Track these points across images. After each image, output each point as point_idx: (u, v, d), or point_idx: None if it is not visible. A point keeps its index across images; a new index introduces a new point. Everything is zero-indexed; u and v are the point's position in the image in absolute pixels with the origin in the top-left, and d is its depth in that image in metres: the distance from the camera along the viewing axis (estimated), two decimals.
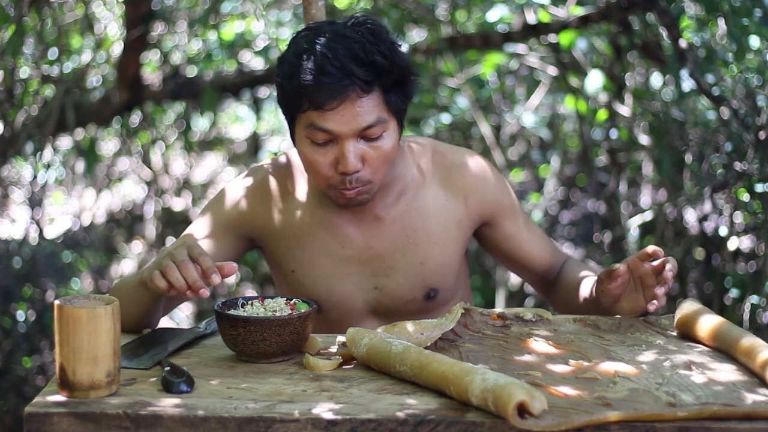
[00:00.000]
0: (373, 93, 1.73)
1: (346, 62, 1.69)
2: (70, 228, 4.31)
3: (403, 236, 1.90)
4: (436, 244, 1.91)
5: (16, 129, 3.37)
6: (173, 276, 1.60)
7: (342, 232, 1.91)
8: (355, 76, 1.70)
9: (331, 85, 1.69)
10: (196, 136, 4.83)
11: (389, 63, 1.73)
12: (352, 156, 1.74)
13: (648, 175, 3.91)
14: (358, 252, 1.91)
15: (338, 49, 1.70)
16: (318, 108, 1.72)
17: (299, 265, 1.93)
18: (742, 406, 1.37)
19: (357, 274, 1.92)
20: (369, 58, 1.71)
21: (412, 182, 1.91)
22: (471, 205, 1.92)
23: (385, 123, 1.77)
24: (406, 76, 1.79)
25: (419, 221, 1.90)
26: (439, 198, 1.91)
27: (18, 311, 3.55)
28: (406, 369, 1.49)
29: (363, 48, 1.71)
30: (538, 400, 1.30)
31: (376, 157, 1.77)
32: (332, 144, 1.76)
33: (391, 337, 1.57)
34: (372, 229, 1.90)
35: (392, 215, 1.90)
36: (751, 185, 2.90)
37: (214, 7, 3.87)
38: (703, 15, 3.01)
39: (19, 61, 3.35)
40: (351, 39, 1.71)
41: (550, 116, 4.30)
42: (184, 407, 1.39)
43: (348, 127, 1.73)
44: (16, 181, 3.94)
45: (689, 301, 1.75)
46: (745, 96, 2.85)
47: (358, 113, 1.72)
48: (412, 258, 1.90)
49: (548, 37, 3.49)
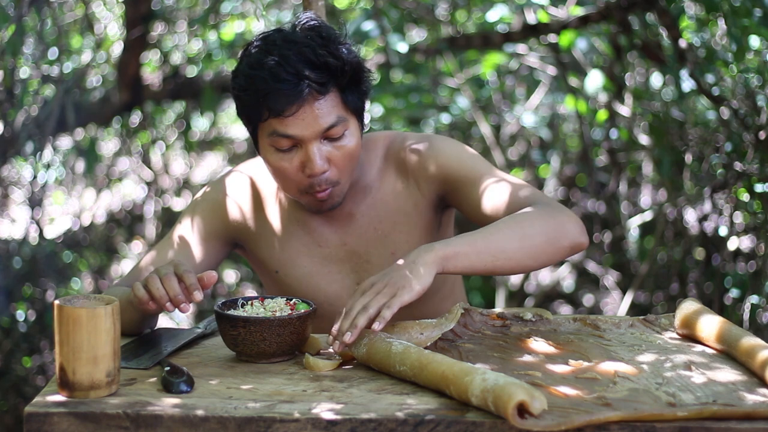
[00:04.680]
0: (329, 94, 1.76)
1: (299, 67, 1.73)
2: (70, 228, 4.31)
3: (372, 229, 1.93)
4: (402, 232, 1.93)
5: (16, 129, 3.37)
6: (155, 286, 1.61)
7: (317, 232, 1.94)
8: (310, 80, 1.73)
9: (287, 90, 1.72)
10: (196, 136, 4.83)
11: (341, 63, 1.76)
12: (317, 158, 1.77)
13: (648, 175, 3.92)
14: (334, 250, 1.93)
15: (290, 55, 1.73)
16: (278, 115, 1.75)
17: (282, 266, 1.95)
18: (742, 406, 1.37)
19: (338, 273, 1.94)
20: (321, 61, 1.74)
21: (375, 175, 1.94)
22: (422, 186, 1.92)
23: (346, 122, 1.79)
24: (359, 74, 1.82)
25: (384, 212, 1.93)
26: (397, 186, 1.93)
27: (18, 311, 3.55)
28: (406, 369, 1.49)
29: (314, 51, 1.74)
30: (538, 400, 1.30)
31: (341, 156, 1.80)
32: (296, 149, 1.79)
33: (391, 337, 1.58)
34: (344, 227, 1.93)
35: (361, 210, 1.93)
36: (751, 185, 2.91)
37: (214, 7, 3.87)
38: (703, 15, 3.01)
39: (19, 61, 3.35)
40: (301, 44, 1.75)
41: (550, 116, 4.30)
42: (184, 407, 1.39)
43: (309, 130, 1.76)
44: (16, 181, 3.94)
45: (689, 301, 1.75)
46: (745, 96, 2.85)
47: (317, 116, 1.75)
48: (383, 249, 1.93)
49: (548, 37, 3.49)
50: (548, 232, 1.73)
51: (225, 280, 4.84)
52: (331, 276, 1.93)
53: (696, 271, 3.43)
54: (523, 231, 1.72)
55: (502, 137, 4.03)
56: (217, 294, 4.67)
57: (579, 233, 1.76)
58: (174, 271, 1.63)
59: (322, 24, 1.80)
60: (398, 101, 3.81)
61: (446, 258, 1.65)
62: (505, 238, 1.70)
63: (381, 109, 4.01)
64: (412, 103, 3.87)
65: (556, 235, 1.74)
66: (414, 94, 3.87)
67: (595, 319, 1.80)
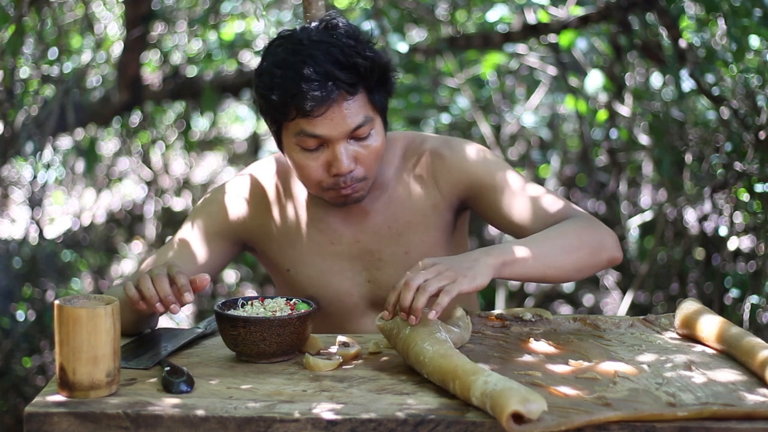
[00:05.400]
0: (358, 94, 1.76)
1: (328, 67, 1.72)
2: (70, 228, 4.31)
3: (386, 227, 1.92)
4: (417, 232, 1.92)
5: (16, 129, 3.37)
6: (145, 286, 1.60)
7: (330, 229, 1.93)
8: (339, 80, 1.72)
9: (316, 91, 1.71)
10: (196, 136, 4.83)
11: (369, 64, 1.76)
12: (344, 157, 1.77)
13: (648, 175, 3.92)
14: (347, 247, 1.93)
15: (318, 55, 1.72)
16: (306, 115, 1.74)
17: (293, 264, 1.94)
18: (742, 406, 1.37)
19: (350, 270, 1.93)
20: (350, 61, 1.73)
21: (392, 174, 1.94)
22: (443, 188, 1.92)
23: (372, 121, 1.79)
24: (387, 74, 1.82)
25: (399, 211, 1.93)
26: (415, 186, 1.93)
27: (18, 311, 3.55)
28: (427, 348, 1.49)
29: (342, 51, 1.73)
30: (535, 403, 1.29)
31: (367, 155, 1.80)
32: (323, 148, 1.78)
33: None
34: (358, 224, 1.93)
35: (377, 207, 1.93)
36: (751, 185, 2.91)
37: (214, 7, 3.87)
38: (703, 15, 3.01)
39: (19, 61, 3.34)
40: (329, 44, 1.74)
41: (550, 116, 4.30)
42: (184, 407, 1.39)
43: (338, 130, 1.75)
44: (16, 181, 3.94)
45: (689, 301, 1.75)
46: (745, 96, 2.85)
47: (346, 116, 1.75)
48: (396, 248, 1.92)
49: (548, 37, 3.49)
50: (591, 245, 1.76)
51: (225, 280, 4.84)
52: (342, 273, 1.93)
53: (696, 271, 3.43)
54: (570, 243, 1.74)
55: (502, 137, 4.03)
56: (217, 294, 4.67)
57: (616, 247, 1.80)
58: (167, 272, 1.62)
59: (348, 23, 1.80)
60: (398, 101, 3.81)
61: (505, 264, 1.65)
62: (556, 249, 1.72)
63: None
64: (412, 103, 3.87)
65: (597, 248, 1.77)
66: (414, 94, 3.88)
67: (595, 319, 1.80)
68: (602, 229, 1.79)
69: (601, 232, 1.79)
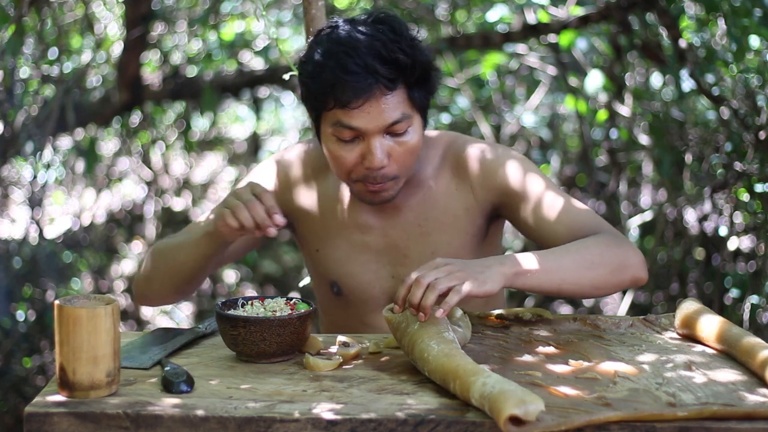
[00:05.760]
0: (397, 90, 1.76)
1: (369, 60, 1.72)
2: (70, 228, 4.31)
3: (416, 225, 1.93)
4: (446, 233, 1.92)
5: (16, 129, 3.37)
6: (243, 215, 1.66)
7: (362, 219, 1.95)
8: (379, 74, 1.73)
9: (355, 83, 1.72)
10: (196, 136, 4.83)
11: (411, 60, 1.76)
12: (378, 152, 1.78)
13: (648, 175, 3.92)
14: (375, 239, 1.94)
15: (361, 47, 1.73)
16: (344, 106, 1.75)
17: (322, 244, 1.98)
18: (742, 406, 1.37)
19: (375, 262, 1.95)
20: (392, 56, 1.74)
21: (430, 173, 1.94)
22: (478, 192, 1.92)
23: (410, 119, 1.79)
24: (428, 72, 1.81)
25: (432, 210, 1.93)
26: (450, 187, 1.93)
27: (18, 311, 3.55)
28: (432, 346, 1.49)
29: (385, 46, 1.74)
30: (532, 405, 1.28)
31: (402, 152, 1.81)
32: (358, 140, 1.79)
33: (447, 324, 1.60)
34: (389, 218, 1.94)
35: (410, 204, 1.93)
36: (751, 185, 2.91)
37: (214, 7, 3.87)
38: (703, 15, 3.01)
39: (19, 61, 3.35)
40: (373, 37, 1.74)
41: (550, 116, 4.30)
42: (184, 407, 1.39)
43: (374, 124, 1.76)
44: (16, 181, 3.94)
45: (689, 301, 1.75)
46: (745, 96, 2.85)
47: (383, 110, 1.75)
48: (423, 247, 1.93)
49: (548, 37, 3.49)
50: (613, 263, 1.74)
51: (225, 280, 4.84)
52: (367, 265, 1.95)
53: (696, 271, 3.43)
54: (591, 259, 1.72)
55: (502, 137, 4.03)
56: (217, 294, 4.68)
57: (641, 267, 1.77)
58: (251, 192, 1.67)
59: (395, 18, 1.80)
60: None
61: (518, 274, 1.65)
62: (575, 264, 1.71)
63: None
64: None
65: (620, 267, 1.74)
66: None
67: (595, 319, 1.80)
68: (628, 248, 1.77)
69: (625, 251, 1.76)
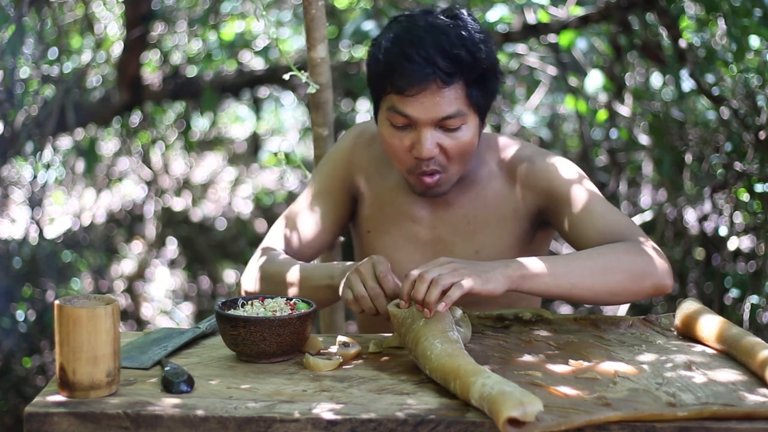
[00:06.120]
0: (454, 85, 1.78)
1: (431, 52, 1.75)
2: (70, 228, 4.31)
3: (465, 222, 1.95)
4: (492, 233, 1.94)
5: (16, 129, 3.37)
6: (366, 305, 1.68)
7: (415, 209, 1.97)
8: (438, 67, 1.75)
9: (413, 72, 1.75)
10: (196, 136, 4.83)
11: (473, 59, 1.77)
12: (428, 142, 1.79)
13: (648, 175, 3.92)
14: (423, 231, 1.97)
15: (426, 38, 1.76)
16: (399, 92, 1.78)
17: (374, 227, 2.00)
18: (742, 406, 1.37)
19: (420, 253, 1.96)
20: (453, 52, 1.76)
21: (485, 173, 1.96)
22: (525, 195, 1.93)
23: (464, 116, 1.81)
24: (489, 74, 1.83)
25: (481, 209, 1.94)
26: (501, 189, 1.95)
27: (18, 311, 3.54)
28: (436, 345, 1.49)
29: (450, 41, 1.76)
30: (530, 406, 1.28)
31: (452, 147, 1.82)
32: (410, 129, 1.81)
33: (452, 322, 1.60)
34: (440, 212, 1.96)
35: (461, 201, 1.95)
36: (751, 185, 2.91)
37: (214, 7, 3.87)
38: (703, 15, 3.01)
39: (19, 61, 3.35)
40: (440, 30, 1.77)
41: (550, 116, 4.30)
42: (184, 407, 1.39)
43: (426, 114, 1.78)
44: (16, 181, 3.94)
45: (689, 301, 1.75)
46: (745, 96, 2.85)
47: (437, 102, 1.77)
48: (468, 244, 1.94)
49: (548, 37, 3.49)
50: (632, 270, 1.71)
51: (225, 280, 4.84)
52: (411, 254, 1.96)
53: (696, 271, 3.43)
54: (605, 264, 1.71)
55: None
56: (217, 294, 4.68)
57: (664, 275, 1.74)
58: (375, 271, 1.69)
59: (470, 17, 1.82)
60: None
61: (523, 277, 1.65)
62: (586, 269, 1.70)
63: None
64: None
65: (639, 274, 1.72)
66: None
67: (595, 319, 1.80)
68: (651, 256, 1.73)
69: (648, 258, 1.73)
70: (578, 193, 1.87)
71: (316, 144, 2.27)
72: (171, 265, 4.80)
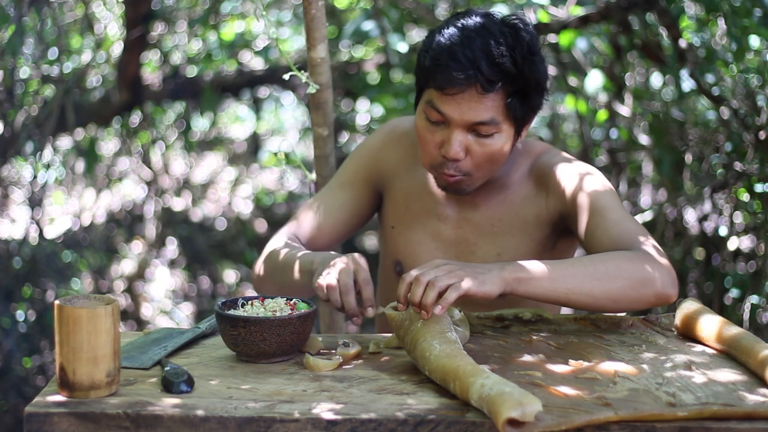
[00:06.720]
0: (493, 93, 1.78)
1: (477, 56, 1.75)
2: (70, 228, 4.31)
3: (489, 224, 1.96)
4: (514, 237, 1.95)
5: (16, 129, 3.37)
6: (334, 296, 1.68)
7: (441, 208, 1.98)
8: (481, 72, 1.75)
9: (456, 72, 1.76)
10: (196, 136, 4.83)
11: (517, 71, 1.77)
12: (456, 144, 1.81)
13: (648, 175, 3.92)
14: (448, 229, 1.98)
15: (476, 41, 1.76)
16: (439, 89, 1.79)
17: (399, 223, 2.02)
18: (742, 406, 1.37)
19: (442, 252, 1.97)
20: (499, 60, 1.76)
21: (516, 178, 1.96)
22: (549, 200, 1.93)
23: (499, 125, 1.81)
24: (532, 89, 1.82)
25: (507, 213, 1.95)
26: (528, 194, 1.95)
27: (18, 311, 3.54)
28: (435, 346, 1.49)
29: (498, 48, 1.76)
30: (529, 406, 1.28)
31: (480, 153, 1.83)
32: (443, 126, 1.83)
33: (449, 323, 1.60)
34: (466, 212, 1.97)
35: (488, 203, 1.96)
36: (751, 185, 2.91)
37: (214, 7, 3.87)
38: (703, 15, 3.01)
39: (19, 61, 3.35)
40: (492, 35, 1.77)
41: (550, 116, 4.30)
42: (184, 407, 1.39)
43: (461, 116, 1.79)
44: (16, 181, 3.94)
45: (689, 301, 1.75)
46: (745, 96, 2.85)
47: (473, 107, 1.78)
48: (491, 246, 1.95)
49: (548, 37, 3.48)
50: (633, 277, 1.69)
51: (225, 280, 4.84)
52: (434, 252, 1.98)
53: (696, 271, 3.43)
54: (606, 271, 1.69)
55: None
56: (217, 294, 4.67)
57: (667, 284, 1.71)
58: (353, 279, 1.68)
59: (528, 28, 1.82)
60: (398, 101, 3.81)
61: (518, 281, 1.64)
62: (586, 274, 1.68)
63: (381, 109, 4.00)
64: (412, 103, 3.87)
65: (641, 282, 1.69)
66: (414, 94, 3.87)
67: (595, 319, 1.80)
68: (655, 264, 1.71)
69: (651, 266, 1.70)
70: (596, 200, 1.86)
71: (316, 144, 2.27)
72: (171, 265, 4.80)
